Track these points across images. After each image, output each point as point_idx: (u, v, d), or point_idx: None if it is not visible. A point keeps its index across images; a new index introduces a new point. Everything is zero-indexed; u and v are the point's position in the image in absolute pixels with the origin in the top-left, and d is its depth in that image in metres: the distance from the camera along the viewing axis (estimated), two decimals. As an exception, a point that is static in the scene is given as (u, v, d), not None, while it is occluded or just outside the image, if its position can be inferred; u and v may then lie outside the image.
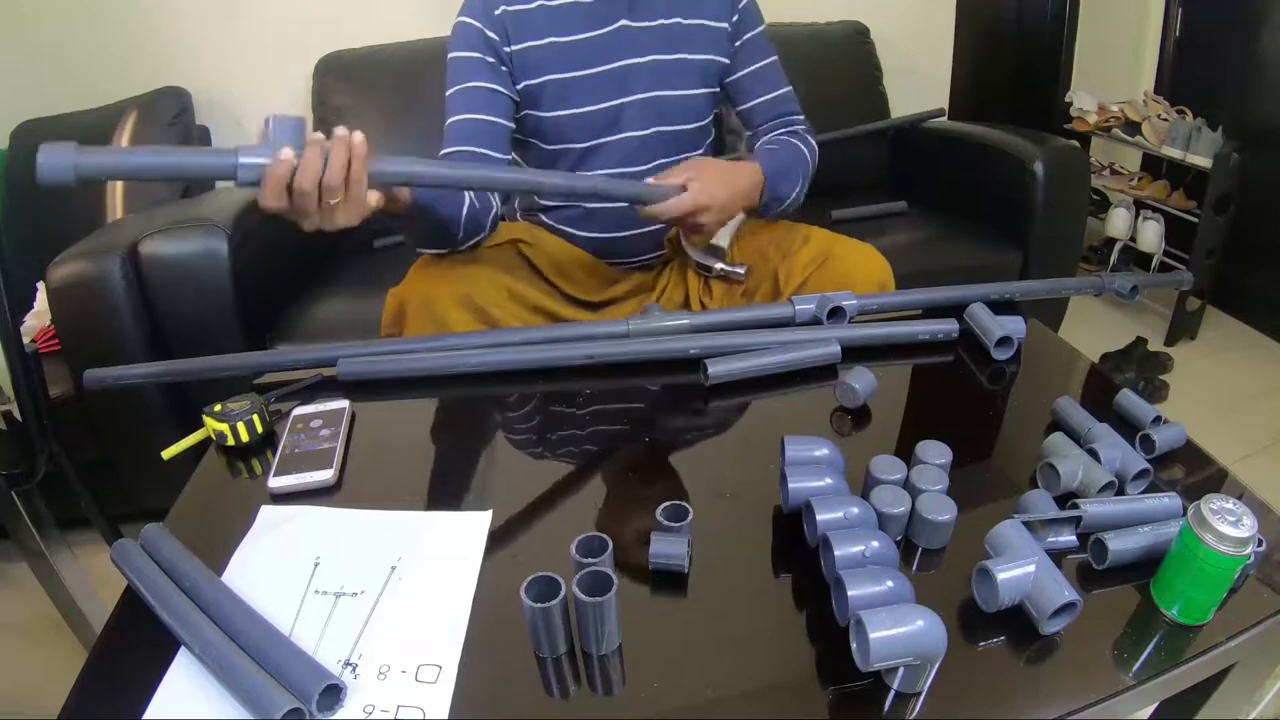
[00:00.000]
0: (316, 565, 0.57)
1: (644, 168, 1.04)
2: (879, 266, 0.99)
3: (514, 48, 0.97)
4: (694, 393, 0.78)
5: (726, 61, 1.06)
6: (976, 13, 2.28)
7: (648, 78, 1.01)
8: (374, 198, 0.69)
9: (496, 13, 0.95)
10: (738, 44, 1.06)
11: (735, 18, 1.05)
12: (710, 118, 1.10)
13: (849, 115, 1.89)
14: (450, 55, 0.98)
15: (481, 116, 0.96)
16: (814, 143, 1.11)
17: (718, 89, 1.08)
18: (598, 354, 0.81)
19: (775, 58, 1.10)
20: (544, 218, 1.10)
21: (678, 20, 1.01)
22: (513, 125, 1.00)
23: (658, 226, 1.07)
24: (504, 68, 0.97)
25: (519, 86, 0.99)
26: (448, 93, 0.98)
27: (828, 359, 0.80)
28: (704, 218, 0.92)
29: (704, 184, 0.90)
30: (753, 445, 0.71)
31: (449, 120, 0.97)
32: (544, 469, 0.69)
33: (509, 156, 1.00)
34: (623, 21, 0.98)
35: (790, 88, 1.12)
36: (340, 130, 0.65)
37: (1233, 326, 2.15)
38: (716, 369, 0.77)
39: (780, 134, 1.10)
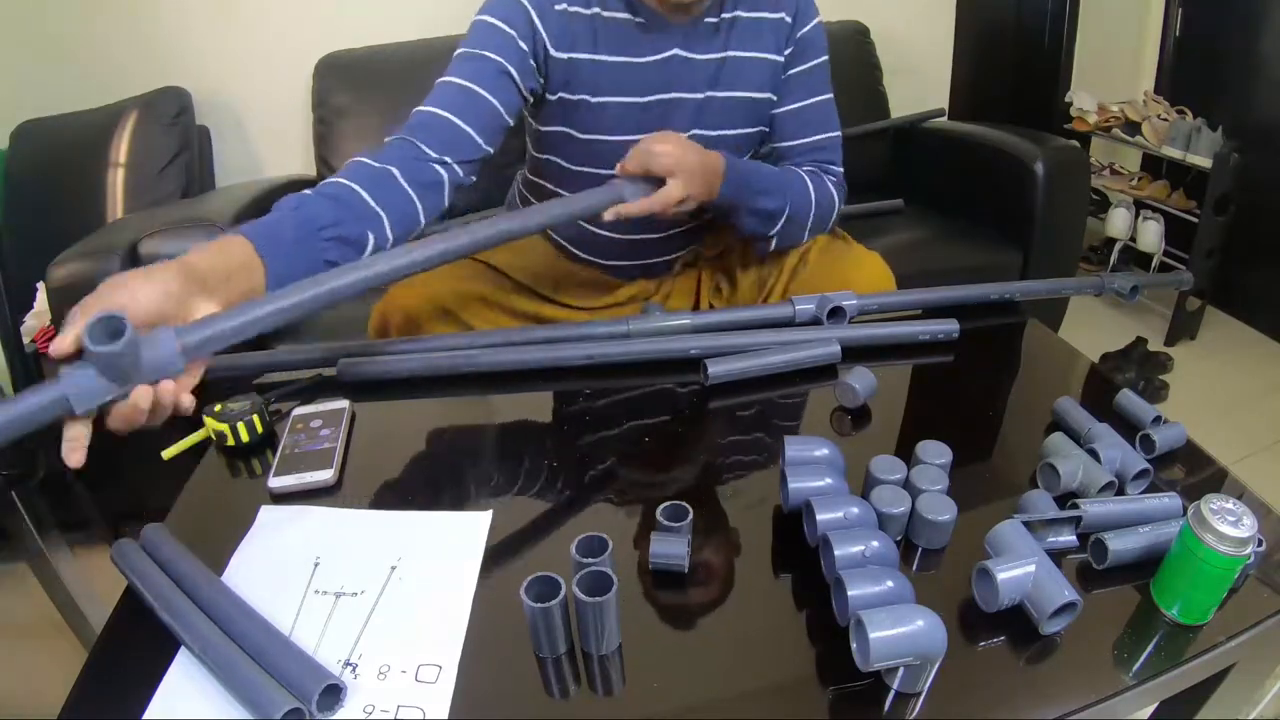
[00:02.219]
0: (316, 565, 0.57)
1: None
2: (880, 272, 0.98)
3: (560, 55, 0.86)
4: (694, 393, 0.78)
5: (775, 98, 0.96)
6: (976, 13, 2.28)
7: (692, 114, 0.92)
8: (188, 392, 0.55)
9: (557, 8, 0.85)
10: (786, 75, 0.95)
11: (790, 50, 0.94)
12: (749, 155, 1.00)
13: (849, 115, 1.86)
14: (479, 17, 0.85)
15: (483, 93, 0.82)
16: (833, 191, 0.96)
17: (766, 127, 0.98)
18: (598, 354, 0.81)
19: (829, 97, 0.97)
20: (560, 240, 1.07)
21: (733, 53, 0.91)
22: (510, 121, 0.86)
23: (679, 229, 1.01)
24: (532, 63, 0.86)
25: (557, 95, 0.89)
26: (458, 51, 0.85)
27: (828, 359, 0.80)
28: (688, 188, 0.81)
29: (678, 156, 0.79)
30: (753, 445, 0.71)
31: (445, 77, 0.84)
32: (544, 469, 0.69)
33: (490, 152, 0.85)
34: (675, 50, 0.89)
35: (837, 134, 0.99)
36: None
37: (1233, 326, 2.15)
38: (716, 369, 0.77)
39: (804, 167, 0.98)
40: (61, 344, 0.50)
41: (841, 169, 0.99)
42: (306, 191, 0.72)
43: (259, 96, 1.84)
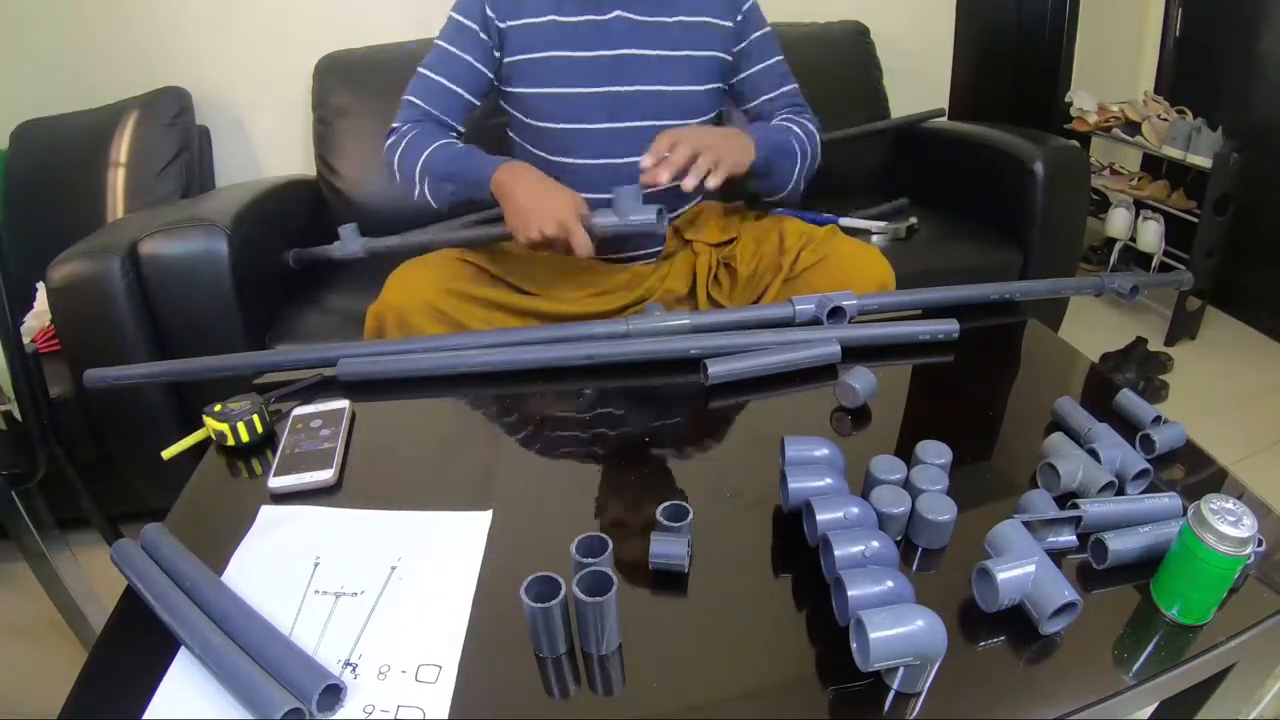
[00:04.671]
0: (316, 565, 0.57)
1: (639, 159, 1.04)
2: (880, 268, 0.99)
3: (508, 23, 0.99)
4: (694, 393, 0.78)
5: (730, 59, 1.07)
6: (976, 13, 2.28)
7: (645, 70, 1.01)
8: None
9: None
10: (742, 45, 1.07)
11: (739, 17, 1.06)
12: (712, 114, 1.11)
13: (849, 115, 1.88)
14: (450, 11, 1.03)
15: (449, 85, 1.03)
16: (815, 131, 1.10)
17: (722, 85, 1.09)
18: (598, 354, 0.81)
19: (781, 57, 1.11)
20: None
21: (680, 18, 1.02)
22: (477, 101, 1.05)
23: (663, 190, 1.08)
24: (489, 42, 1.01)
25: (507, 60, 1.01)
26: (435, 40, 1.04)
27: (828, 359, 0.80)
28: (709, 156, 0.90)
29: (687, 137, 0.90)
30: (753, 445, 0.71)
31: (423, 70, 1.04)
32: (544, 469, 0.69)
33: (460, 128, 1.07)
34: (617, 11, 1.00)
35: (795, 85, 1.13)
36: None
37: (1233, 326, 2.15)
38: (716, 369, 0.77)
39: (781, 118, 1.10)
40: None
41: (809, 109, 1.14)
42: (454, 143, 1.02)
43: (259, 96, 1.84)
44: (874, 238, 1.60)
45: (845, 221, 1.66)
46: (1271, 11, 1.99)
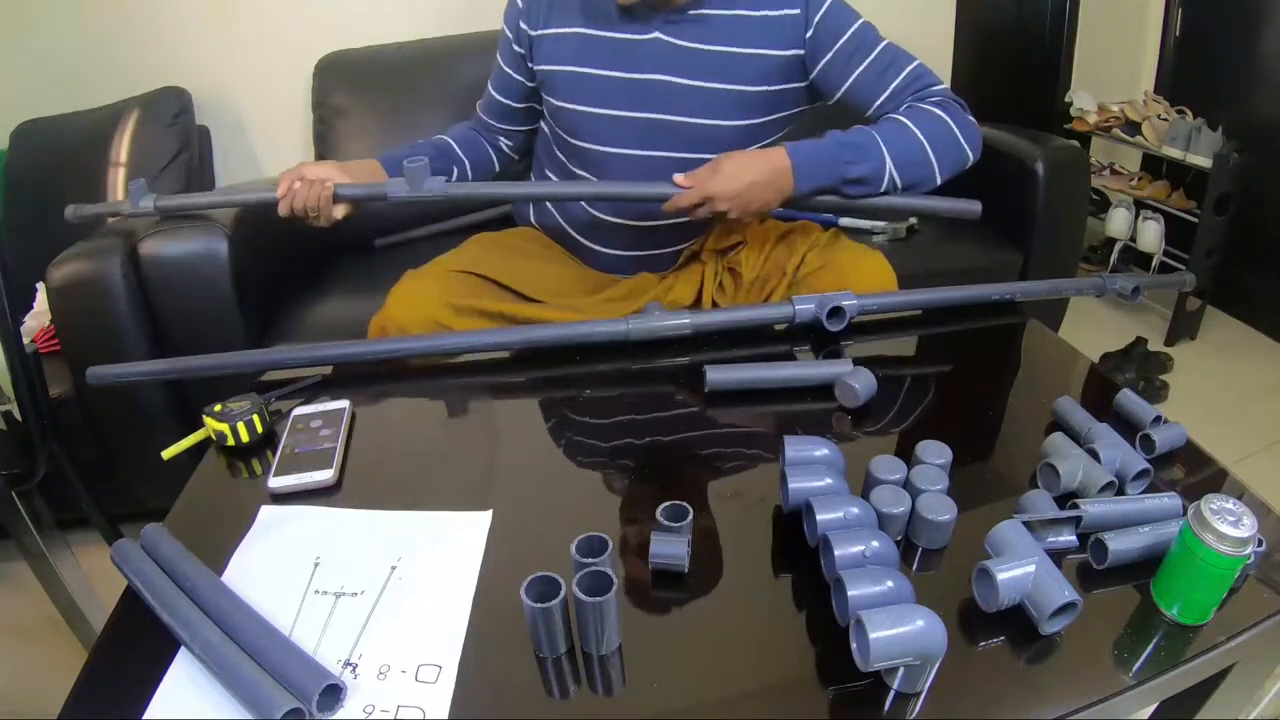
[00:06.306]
0: (316, 565, 0.57)
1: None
2: (884, 275, 0.98)
3: (538, 31, 0.99)
4: (695, 392, 0.78)
5: (797, 86, 0.98)
6: (976, 13, 2.27)
7: (676, 100, 0.95)
8: (340, 211, 0.95)
9: None
10: (824, 62, 0.96)
11: (809, 35, 0.95)
12: (766, 142, 1.02)
13: (849, 115, 1.88)
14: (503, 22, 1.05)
15: (498, 97, 1.10)
16: (939, 112, 0.93)
17: (767, 118, 1.00)
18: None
19: (884, 44, 0.98)
20: (564, 224, 1.10)
21: (730, 48, 0.93)
22: (523, 105, 1.10)
23: (681, 246, 1.08)
24: (521, 51, 1.02)
25: (538, 69, 1.01)
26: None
27: (831, 379, 0.78)
28: (719, 206, 0.88)
29: (708, 176, 0.87)
30: (753, 445, 0.71)
31: (489, 81, 1.11)
32: (544, 469, 0.69)
33: (522, 128, 1.13)
34: (656, 34, 0.93)
35: (914, 63, 0.98)
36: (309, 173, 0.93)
37: (1233, 326, 2.15)
38: (715, 376, 0.76)
39: (899, 109, 0.95)
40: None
41: (942, 85, 0.97)
42: (420, 141, 1.09)
43: (259, 96, 1.84)
44: (875, 238, 1.60)
45: (845, 221, 1.65)
46: (1271, 11, 1.99)
